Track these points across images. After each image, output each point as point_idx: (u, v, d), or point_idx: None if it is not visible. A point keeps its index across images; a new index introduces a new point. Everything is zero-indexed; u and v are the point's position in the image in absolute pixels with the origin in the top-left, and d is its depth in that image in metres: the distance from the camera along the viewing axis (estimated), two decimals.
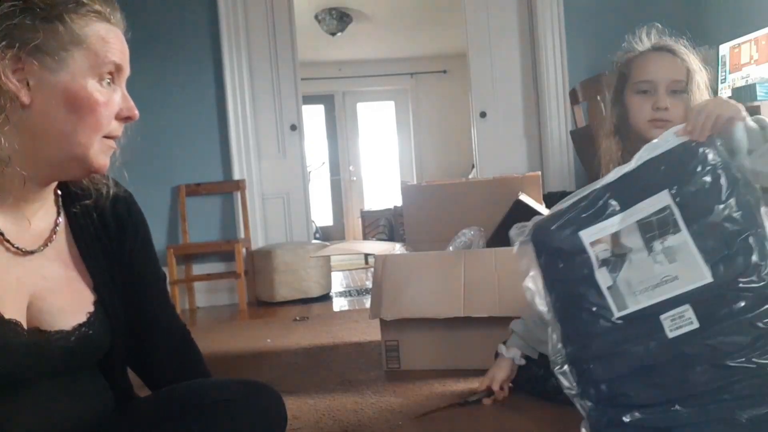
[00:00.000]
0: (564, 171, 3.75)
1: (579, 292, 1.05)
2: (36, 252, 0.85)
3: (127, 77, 0.88)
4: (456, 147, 7.53)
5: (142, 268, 1.00)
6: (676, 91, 1.28)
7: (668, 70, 1.29)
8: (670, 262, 0.97)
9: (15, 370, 0.78)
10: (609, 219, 1.03)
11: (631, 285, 1.00)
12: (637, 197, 1.02)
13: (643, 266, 0.99)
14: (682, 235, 0.97)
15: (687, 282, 0.96)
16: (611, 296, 1.01)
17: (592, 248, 1.03)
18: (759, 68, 2.68)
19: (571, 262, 1.06)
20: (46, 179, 0.85)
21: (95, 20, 0.82)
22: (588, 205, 1.06)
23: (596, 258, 1.03)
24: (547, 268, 1.11)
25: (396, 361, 1.94)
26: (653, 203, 1.00)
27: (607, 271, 1.02)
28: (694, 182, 0.98)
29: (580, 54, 3.68)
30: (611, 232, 1.03)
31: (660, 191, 1.00)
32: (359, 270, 5.03)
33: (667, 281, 0.97)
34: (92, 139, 0.81)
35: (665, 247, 0.98)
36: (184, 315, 3.41)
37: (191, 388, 0.91)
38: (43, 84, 0.78)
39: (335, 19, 5.75)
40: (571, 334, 1.06)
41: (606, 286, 1.02)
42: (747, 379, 0.92)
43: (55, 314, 0.83)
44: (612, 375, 1.03)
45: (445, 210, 2.23)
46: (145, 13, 3.54)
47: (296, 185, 3.92)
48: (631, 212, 1.02)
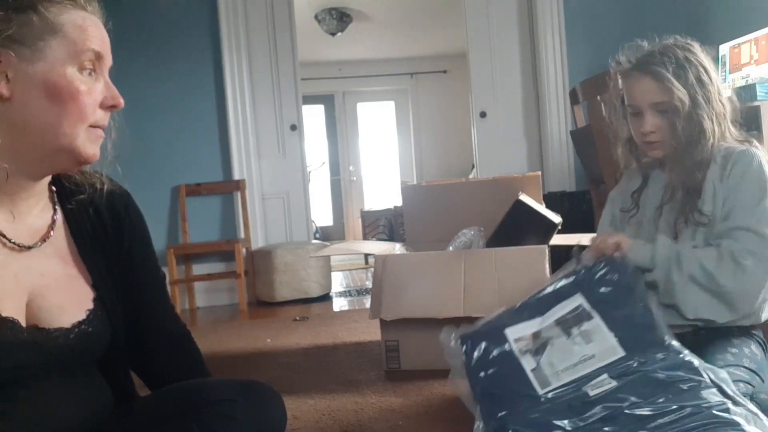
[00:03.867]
0: (564, 171, 3.75)
1: (505, 377, 1.13)
2: (33, 248, 0.84)
3: (109, 66, 0.85)
4: (456, 147, 7.53)
5: (140, 267, 0.99)
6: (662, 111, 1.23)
7: (648, 94, 1.24)
8: (586, 343, 1.09)
9: (14, 368, 0.77)
10: (530, 321, 1.18)
11: (553, 365, 1.09)
12: (554, 305, 1.18)
13: (563, 348, 1.11)
14: (596, 320, 1.11)
15: (603, 359, 1.06)
16: (535, 377, 1.09)
17: (516, 344, 1.15)
18: (759, 68, 2.68)
19: (498, 355, 1.16)
20: (36, 173, 0.84)
21: (70, 8, 0.81)
22: (511, 313, 1.23)
23: (519, 350, 1.15)
24: (474, 361, 1.17)
25: (396, 361, 1.94)
26: (568, 304, 1.16)
27: (531, 356, 1.12)
28: (601, 286, 1.16)
29: (580, 54, 3.68)
30: (532, 331, 1.16)
31: (574, 295, 1.17)
32: (359, 270, 5.03)
33: (586, 359, 1.07)
34: (77, 128, 0.80)
35: (582, 331, 1.11)
36: (184, 315, 3.41)
37: (191, 388, 0.91)
38: (21, 75, 0.76)
39: (335, 19, 5.75)
40: (498, 410, 1.10)
41: (530, 369, 1.11)
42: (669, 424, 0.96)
43: (54, 312, 0.83)
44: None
45: (445, 210, 2.23)
46: (145, 13, 3.54)
47: (296, 185, 3.92)
48: (549, 315, 1.17)
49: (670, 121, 1.23)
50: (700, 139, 1.22)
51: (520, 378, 1.10)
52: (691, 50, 1.26)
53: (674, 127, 1.23)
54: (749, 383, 1.07)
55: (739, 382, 1.05)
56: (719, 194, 1.21)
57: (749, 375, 1.10)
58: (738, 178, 1.19)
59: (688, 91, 1.21)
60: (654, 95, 1.24)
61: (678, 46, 1.26)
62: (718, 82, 1.26)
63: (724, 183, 1.20)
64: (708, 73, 1.24)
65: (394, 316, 1.87)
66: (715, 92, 1.24)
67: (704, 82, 1.23)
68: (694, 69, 1.23)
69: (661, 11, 3.62)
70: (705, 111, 1.22)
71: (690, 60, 1.23)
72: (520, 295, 1.60)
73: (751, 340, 1.20)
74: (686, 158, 1.24)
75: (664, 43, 1.27)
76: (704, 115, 1.21)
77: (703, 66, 1.24)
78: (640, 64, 1.26)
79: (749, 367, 1.12)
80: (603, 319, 1.10)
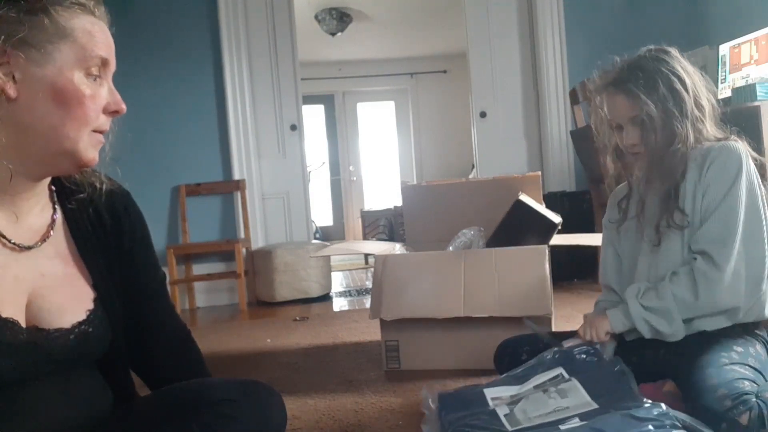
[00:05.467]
0: (564, 171, 3.76)
1: (477, 418, 1.16)
2: (33, 248, 0.84)
3: (113, 71, 0.86)
4: (456, 147, 7.53)
5: (141, 267, 0.99)
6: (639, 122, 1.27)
7: (622, 110, 1.29)
8: (562, 398, 1.15)
9: (14, 369, 0.77)
10: (510, 386, 1.25)
11: (526, 413, 1.13)
12: (534, 374, 1.26)
13: (538, 401, 1.16)
14: (573, 383, 1.18)
15: (576, 409, 1.10)
16: (507, 419, 1.13)
17: (492, 402, 1.21)
18: (759, 68, 2.68)
19: (474, 410, 1.20)
20: (37, 174, 0.84)
21: (80, 13, 0.81)
22: (493, 382, 1.31)
23: (495, 405, 1.19)
24: (451, 418, 1.20)
25: (396, 361, 1.94)
26: (548, 374, 1.24)
27: (505, 405, 1.18)
28: (582, 363, 1.26)
29: (580, 54, 3.68)
30: (511, 393, 1.22)
31: (555, 368, 1.25)
32: (359, 270, 5.03)
33: (559, 411, 1.12)
34: (81, 132, 0.81)
35: (558, 389, 1.18)
36: (184, 315, 3.41)
37: (191, 388, 0.91)
38: (29, 77, 0.77)
39: (335, 19, 5.75)
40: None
41: (503, 414, 1.15)
42: None
43: (54, 312, 0.83)
44: None
45: (445, 210, 2.23)
46: (145, 13, 3.54)
47: (296, 185, 3.93)
48: (529, 382, 1.24)
49: (644, 133, 1.28)
50: (672, 144, 1.26)
51: (491, 419, 1.13)
52: (663, 59, 1.28)
53: (648, 137, 1.27)
54: (754, 381, 1.08)
55: (744, 380, 1.07)
56: (699, 191, 1.24)
57: (754, 374, 1.12)
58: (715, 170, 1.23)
59: (660, 101, 1.25)
60: (628, 110, 1.28)
61: (649, 58, 1.29)
62: (696, 86, 1.28)
63: (702, 179, 1.24)
64: (681, 80, 1.26)
65: (394, 316, 1.87)
66: (690, 98, 1.26)
67: (677, 90, 1.25)
68: (665, 79, 1.26)
69: (661, 11, 3.62)
70: (677, 119, 1.25)
71: (661, 70, 1.26)
72: (520, 295, 1.61)
73: (756, 340, 1.22)
74: (661, 166, 1.28)
75: (635, 56, 1.32)
76: (676, 124, 1.25)
77: (676, 74, 1.27)
78: (611, 82, 1.31)
79: (754, 366, 1.14)
80: (581, 383, 1.16)
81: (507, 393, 1.22)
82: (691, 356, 1.17)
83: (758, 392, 1.05)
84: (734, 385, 1.05)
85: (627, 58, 1.32)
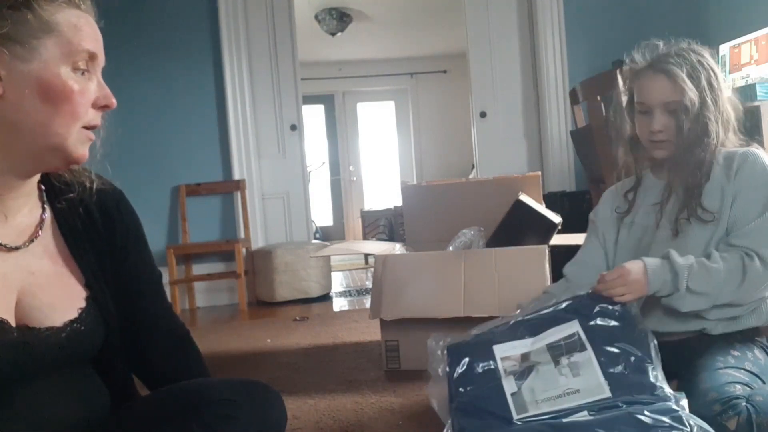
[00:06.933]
0: (564, 171, 3.75)
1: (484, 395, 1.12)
2: (21, 248, 0.83)
3: (102, 65, 0.84)
4: (456, 147, 7.53)
5: (135, 265, 0.98)
6: (672, 110, 1.27)
7: (660, 93, 1.27)
8: (574, 375, 1.08)
9: (4, 369, 0.76)
10: (521, 340, 1.17)
11: (534, 392, 1.08)
12: (548, 327, 1.17)
13: (548, 376, 1.09)
14: (588, 353, 1.10)
15: (587, 396, 1.05)
16: (513, 401, 1.08)
17: (502, 362, 1.15)
18: (759, 68, 2.68)
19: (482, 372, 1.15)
20: (25, 172, 0.83)
21: (65, 7, 0.80)
22: (504, 329, 1.21)
23: (504, 370, 1.13)
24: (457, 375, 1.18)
25: (396, 361, 1.94)
26: (563, 330, 1.15)
27: (513, 379, 1.11)
28: (601, 319, 1.15)
29: (580, 54, 3.68)
30: (521, 352, 1.15)
31: (571, 321, 1.15)
32: (359, 270, 5.03)
33: (569, 393, 1.06)
34: (70, 128, 0.79)
35: (571, 362, 1.10)
36: (184, 315, 3.41)
37: (191, 388, 0.90)
38: (14, 74, 0.76)
39: (335, 19, 5.75)
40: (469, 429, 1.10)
41: (510, 392, 1.10)
42: None
43: (44, 311, 0.82)
44: None
45: (445, 210, 2.23)
46: (145, 13, 3.54)
47: (296, 185, 3.93)
48: (542, 337, 1.15)
49: (678, 121, 1.26)
50: (703, 140, 1.25)
51: (497, 399, 1.09)
52: (704, 55, 1.30)
53: (681, 127, 1.26)
54: (747, 385, 1.07)
55: (736, 384, 1.05)
56: (728, 192, 1.23)
57: (750, 377, 1.10)
58: (746, 175, 1.22)
59: (699, 93, 1.25)
60: (666, 94, 1.27)
61: (692, 50, 1.30)
62: (725, 89, 1.30)
63: (732, 181, 1.23)
64: (717, 78, 1.28)
65: (394, 316, 1.87)
66: (723, 98, 1.28)
67: (714, 87, 1.27)
68: (706, 73, 1.27)
69: (661, 11, 3.62)
70: (712, 114, 1.25)
71: (702, 64, 1.28)
72: (520, 295, 1.59)
73: (755, 345, 1.21)
74: (689, 158, 1.26)
75: (679, 46, 1.32)
76: (711, 118, 1.25)
77: (714, 71, 1.29)
78: (655, 62, 1.30)
79: (751, 370, 1.12)
80: (596, 352, 1.09)
81: (517, 351, 1.15)
82: (689, 360, 1.16)
83: (750, 396, 1.02)
84: (725, 389, 1.04)
85: (670, 45, 1.32)
